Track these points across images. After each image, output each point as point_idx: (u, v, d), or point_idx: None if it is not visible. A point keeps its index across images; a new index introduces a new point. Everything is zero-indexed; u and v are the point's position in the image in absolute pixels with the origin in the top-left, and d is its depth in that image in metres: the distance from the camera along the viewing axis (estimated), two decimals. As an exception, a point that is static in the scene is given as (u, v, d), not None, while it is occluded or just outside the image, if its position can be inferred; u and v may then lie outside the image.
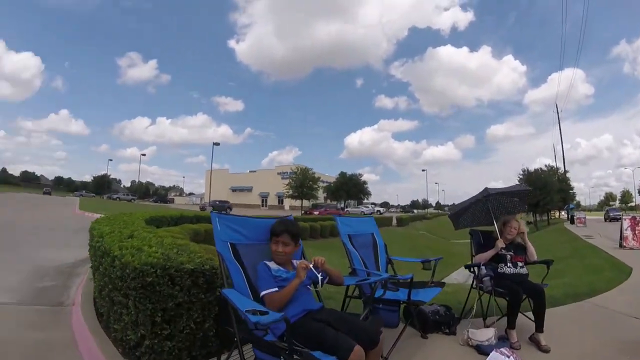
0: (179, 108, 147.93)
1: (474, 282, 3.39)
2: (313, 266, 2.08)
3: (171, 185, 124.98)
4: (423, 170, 76.75)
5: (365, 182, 58.69)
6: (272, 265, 2.11)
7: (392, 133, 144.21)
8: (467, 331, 2.93)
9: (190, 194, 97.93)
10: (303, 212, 37.05)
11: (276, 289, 1.98)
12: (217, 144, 51.54)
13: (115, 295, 2.44)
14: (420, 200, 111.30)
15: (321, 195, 57.61)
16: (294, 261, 2.23)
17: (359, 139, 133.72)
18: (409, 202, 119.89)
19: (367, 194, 59.63)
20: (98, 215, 6.87)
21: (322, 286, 2.20)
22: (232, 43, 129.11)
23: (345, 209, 53.93)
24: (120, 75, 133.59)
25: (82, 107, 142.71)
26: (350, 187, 55.68)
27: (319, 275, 2.10)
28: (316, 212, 35.19)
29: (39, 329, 3.24)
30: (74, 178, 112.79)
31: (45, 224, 12.35)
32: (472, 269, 3.38)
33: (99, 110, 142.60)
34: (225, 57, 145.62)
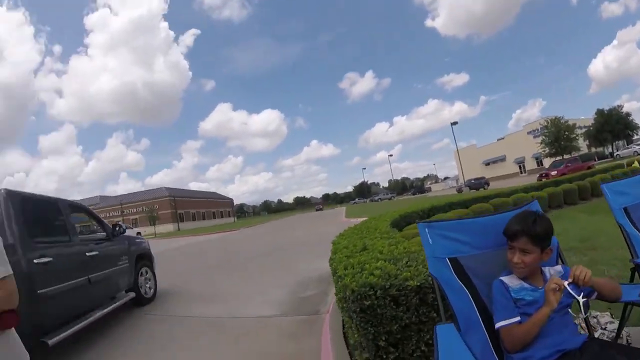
0: (408, 103, 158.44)
1: None
2: (570, 283, 1.37)
3: (425, 175, 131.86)
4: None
5: (628, 114, 45.31)
6: (512, 282, 1.49)
7: (636, 42, 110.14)
8: None
9: (446, 178, 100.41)
10: (538, 177, 29.03)
11: (517, 318, 1.40)
12: (454, 123, 50.03)
13: (344, 314, 2.43)
14: None
15: (583, 143, 47.67)
16: (547, 269, 1.53)
17: (602, 63, 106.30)
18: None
19: (635, 127, 45.51)
20: (362, 219, 7.58)
21: (585, 314, 1.46)
22: (429, 22, 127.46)
23: (616, 154, 42.00)
24: (347, 96, 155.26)
25: (327, 133, 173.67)
26: (613, 125, 43.78)
27: (580, 298, 1.36)
28: (554, 173, 25.70)
29: (293, 338, 3.47)
30: (338, 192, 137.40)
31: (313, 235, 14.26)
32: None
33: (341, 130, 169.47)
34: (429, 38, 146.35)
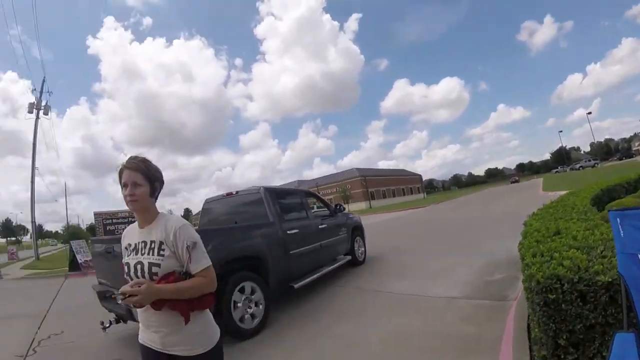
0: (599, 46, 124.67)
1: None
2: None
3: (632, 134, 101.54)
4: None
5: None
6: None
7: None
8: None
9: (658, 137, 75.48)
10: None
11: None
12: (661, 65, 36.18)
13: (529, 304, 2.36)
14: None
15: None
16: None
17: None
18: None
19: None
20: (561, 193, 6.81)
21: None
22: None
23: None
24: (528, 48, 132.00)
25: (514, 94, 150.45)
26: None
27: None
28: None
29: (474, 323, 3.37)
30: (534, 160, 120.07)
31: (507, 211, 13.46)
32: None
33: (529, 89, 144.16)
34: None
